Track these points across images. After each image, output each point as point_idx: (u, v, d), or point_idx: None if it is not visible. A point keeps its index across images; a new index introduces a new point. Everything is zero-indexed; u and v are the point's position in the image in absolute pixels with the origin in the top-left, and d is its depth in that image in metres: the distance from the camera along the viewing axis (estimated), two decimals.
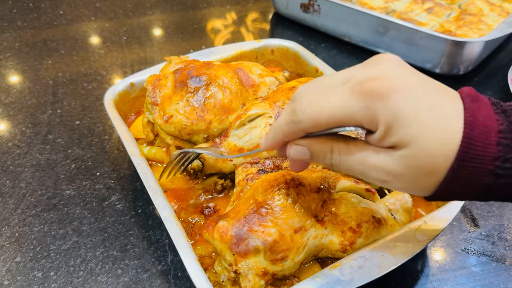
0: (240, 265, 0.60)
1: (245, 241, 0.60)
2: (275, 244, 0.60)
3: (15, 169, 0.96)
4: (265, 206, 0.62)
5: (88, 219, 0.85)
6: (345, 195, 0.67)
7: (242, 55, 1.11)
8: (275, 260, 0.61)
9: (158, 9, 1.66)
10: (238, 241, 0.61)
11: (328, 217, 0.65)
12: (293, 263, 0.62)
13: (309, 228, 0.63)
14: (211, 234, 0.63)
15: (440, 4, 1.37)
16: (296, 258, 0.62)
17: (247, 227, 0.61)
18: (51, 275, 0.75)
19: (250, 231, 0.61)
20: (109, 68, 1.31)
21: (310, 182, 0.65)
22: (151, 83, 0.88)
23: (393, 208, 0.72)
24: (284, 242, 0.61)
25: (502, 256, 0.78)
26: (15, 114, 1.13)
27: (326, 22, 1.41)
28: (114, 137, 1.04)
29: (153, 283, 0.74)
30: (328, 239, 0.65)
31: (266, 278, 0.61)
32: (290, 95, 0.79)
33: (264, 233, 0.60)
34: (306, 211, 0.63)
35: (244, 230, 0.61)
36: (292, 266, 0.62)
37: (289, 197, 0.63)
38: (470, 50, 1.15)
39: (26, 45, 1.42)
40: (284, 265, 0.62)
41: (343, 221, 0.65)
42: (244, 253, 0.60)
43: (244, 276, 0.61)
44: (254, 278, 0.60)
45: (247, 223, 0.62)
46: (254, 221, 0.61)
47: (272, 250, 0.60)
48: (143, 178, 0.76)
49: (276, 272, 0.62)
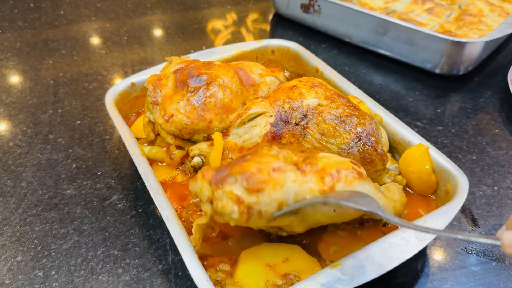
0: (216, 193, 0.61)
1: (224, 173, 0.62)
2: (252, 175, 0.61)
3: (16, 168, 0.96)
4: (248, 154, 0.65)
5: (89, 218, 0.85)
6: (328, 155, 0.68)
7: (242, 55, 1.11)
8: (251, 190, 0.60)
9: (158, 9, 1.66)
10: (217, 175, 0.62)
11: (308, 167, 0.64)
12: (270, 200, 0.61)
13: (288, 171, 0.63)
14: (195, 178, 0.64)
15: (440, 5, 1.38)
16: (273, 194, 0.61)
17: (229, 166, 0.63)
18: (52, 274, 0.75)
19: (230, 168, 0.62)
20: (109, 68, 1.31)
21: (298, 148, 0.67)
22: (152, 83, 0.88)
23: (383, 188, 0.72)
24: (261, 175, 0.61)
25: (502, 255, 0.78)
26: (16, 114, 1.13)
27: (326, 22, 1.41)
28: (115, 137, 1.05)
29: (154, 282, 0.74)
30: (308, 186, 0.63)
31: (241, 208, 0.60)
32: (291, 94, 0.79)
33: (242, 167, 0.62)
34: (287, 159, 0.64)
35: (225, 168, 0.63)
36: (269, 202, 0.61)
37: (273, 148, 0.65)
38: (470, 51, 1.15)
39: (27, 45, 1.42)
40: (260, 198, 0.61)
41: (323, 170, 0.64)
42: (221, 182, 0.61)
43: (219, 200, 0.61)
44: (228, 202, 0.60)
45: (228, 166, 0.63)
46: (235, 162, 0.63)
47: (248, 180, 0.60)
48: (144, 177, 0.76)
49: (252, 204, 0.61)
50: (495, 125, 1.09)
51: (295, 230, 0.68)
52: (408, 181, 0.82)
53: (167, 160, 0.87)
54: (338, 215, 0.65)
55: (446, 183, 0.77)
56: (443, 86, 1.22)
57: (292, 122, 0.77)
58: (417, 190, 0.82)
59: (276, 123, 0.77)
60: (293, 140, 0.76)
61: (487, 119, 1.11)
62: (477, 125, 1.09)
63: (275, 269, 0.68)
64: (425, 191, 0.81)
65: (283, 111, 0.78)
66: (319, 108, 0.77)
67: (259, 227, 0.66)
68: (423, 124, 1.09)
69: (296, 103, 0.78)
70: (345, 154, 0.74)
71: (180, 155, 0.87)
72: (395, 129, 0.87)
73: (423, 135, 1.03)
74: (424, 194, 0.81)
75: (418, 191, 0.82)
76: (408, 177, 0.81)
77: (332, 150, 0.74)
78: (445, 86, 1.22)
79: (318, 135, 0.75)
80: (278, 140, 0.77)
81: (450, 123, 1.09)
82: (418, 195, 0.82)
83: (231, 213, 0.60)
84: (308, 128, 0.76)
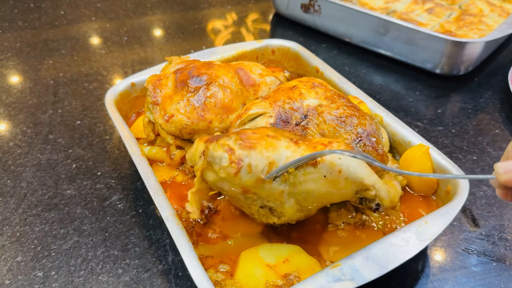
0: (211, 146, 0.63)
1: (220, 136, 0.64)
2: (246, 135, 0.63)
3: (16, 168, 0.96)
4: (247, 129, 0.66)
5: (89, 218, 0.85)
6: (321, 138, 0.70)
7: (242, 55, 1.11)
8: (244, 146, 0.62)
9: (158, 9, 1.66)
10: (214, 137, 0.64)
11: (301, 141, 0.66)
12: (261, 156, 0.62)
13: (282, 139, 0.65)
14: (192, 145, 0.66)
15: (440, 5, 1.38)
16: (265, 152, 0.63)
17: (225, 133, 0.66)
18: (52, 274, 0.75)
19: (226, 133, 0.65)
20: (110, 68, 1.31)
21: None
22: (152, 83, 0.88)
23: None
24: (255, 137, 0.63)
25: (503, 256, 0.78)
26: (16, 114, 1.13)
27: (326, 22, 1.41)
28: (115, 137, 1.04)
29: (154, 283, 0.74)
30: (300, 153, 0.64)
31: (231, 157, 0.61)
32: (291, 94, 0.79)
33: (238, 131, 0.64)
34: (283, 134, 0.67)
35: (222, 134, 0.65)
36: (259, 158, 0.62)
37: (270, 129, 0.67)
38: (470, 51, 1.15)
39: (27, 45, 1.42)
40: (251, 153, 0.62)
41: (316, 142, 0.65)
42: (216, 139, 0.63)
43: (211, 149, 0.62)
44: (219, 148, 0.62)
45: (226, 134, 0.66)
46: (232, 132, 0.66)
47: (242, 137, 0.63)
48: (144, 177, 0.76)
49: (242, 156, 0.62)
50: (496, 125, 1.08)
51: (286, 209, 0.67)
52: (408, 181, 0.82)
53: (167, 160, 0.87)
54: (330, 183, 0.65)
55: (447, 183, 0.77)
56: (443, 86, 1.22)
57: (292, 123, 0.77)
58: (417, 190, 0.82)
59: (276, 123, 0.77)
60: None
61: (487, 119, 1.10)
62: (477, 125, 1.09)
63: (275, 269, 0.68)
64: (425, 191, 0.81)
65: (283, 112, 0.78)
66: (319, 108, 0.77)
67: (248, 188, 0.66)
68: (423, 124, 1.09)
69: (296, 103, 0.78)
70: None
71: (180, 155, 0.87)
72: (396, 129, 0.87)
73: (424, 135, 1.03)
74: (424, 194, 0.81)
75: (419, 191, 0.82)
76: (408, 177, 0.81)
77: None
78: (445, 86, 1.22)
79: (319, 136, 0.75)
80: None
81: (451, 123, 1.09)
82: (419, 195, 0.82)
83: (221, 158, 0.61)
84: (308, 129, 0.76)
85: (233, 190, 0.65)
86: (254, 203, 0.69)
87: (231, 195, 0.68)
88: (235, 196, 0.68)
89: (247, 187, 0.64)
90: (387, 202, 0.69)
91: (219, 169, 0.62)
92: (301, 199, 0.67)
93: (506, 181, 0.51)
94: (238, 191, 0.65)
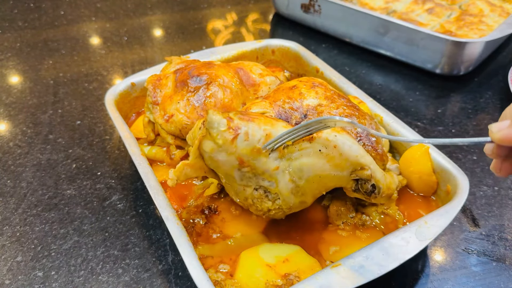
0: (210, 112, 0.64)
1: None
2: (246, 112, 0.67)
3: (16, 169, 0.96)
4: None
5: (89, 218, 0.85)
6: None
7: (242, 55, 1.11)
8: (242, 117, 0.65)
9: (158, 9, 1.66)
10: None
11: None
12: (259, 127, 0.65)
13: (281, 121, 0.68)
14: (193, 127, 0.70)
15: (440, 5, 1.38)
16: (262, 125, 0.65)
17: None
18: (52, 274, 0.75)
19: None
20: (109, 68, 1.31)
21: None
22: (152, 83, 0.88)
23: None
24: (254, 113, 0.69)
25: (503, 256, 0.78)
26: (16, 114, 1.13)
27: (326, 22, 1.41)
28: (115, 137, 1.04)
29: (154, 283, 0.74)
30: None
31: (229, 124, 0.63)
32: (291, 94, 0.79)
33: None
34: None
35: None
36: (256, 128, 0.65)
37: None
38: (470, 51, 1.15)
39: (27, 45, 1.42)
40: (249, 124, 0.65)
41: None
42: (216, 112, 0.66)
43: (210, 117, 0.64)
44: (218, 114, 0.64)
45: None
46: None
47: (242, 112, 0.66)
48: (144, 177, 0.76)
49: (240, 125, 0.64)
50: None
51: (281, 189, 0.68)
52: (408, 181, 0.82)
53: (167, 160, 0.87)
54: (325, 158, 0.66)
55: (447, 183, 0.77)
56: (443, 86, 1.22)
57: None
58: (417, 190, 0.82)
59: None
60: None
61: (487, 119, 1.10)
62: (477, 125, 1.09)
63: (275, 269, 0.68)
64: (425, 191, 0.81)
65: (283, 111, 0.78)
66: (319, 108, 0.77)
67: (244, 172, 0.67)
68: (423, 124, 1.09)
69: (296, 103, 0.78)
70: None
71: (180, 155, 0.87)
72: (396, 129, 0.86)
73: (424, 135, 1.03)
74: (424, 194, 0.81)
75: (419, 191, 0.81)
76: (408, 177, 0.81)
77: None
78: (445, 86, 1.22)
79: None
80: None
81: (451, 123, 1.09)
82: (419, 195, 0.81)
83: (219, 122, 0.63)
84: None
85: (229, 163, 0.66)
86: (249, 184, 0.69)
87: (227, 174, 0.69)
88: (230, 174, 0.68)
89: (243, 157, 0.66)
90: (383, 185, 0.69)
91: (216, 135, 0.64)
92: (296, 177, 0.68)
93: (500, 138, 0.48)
94: (234, 165, 0.66)
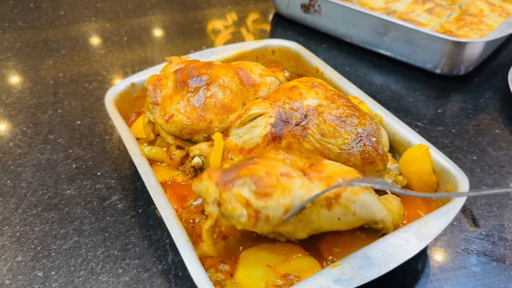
0: (225, 195, 0.61)
1: (232, 175, 0.62)
2: (260, 179, 0.61)
3: (16, 169, 0.96)
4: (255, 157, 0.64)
5: (89, 218, 0.85)
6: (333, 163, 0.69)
7: (242, 55, 1.11)
8: (260, 194, 0.60)
9: (158, 9, 1.66)
10: (225, 177, 0.62)
11: (315, 173, 0.65)
12: (277, 205, 0.62)
13: (296, 177, 0.63)
14: (200, 178, 0.64)
15: (440, 5, 1.37)
16: (281, 199, 0.62)
17: (236, 168, 0.62)
18: (52, 274, 0.75)
19: (237, 169, 0.62)
20: (109, 68, 1.31)
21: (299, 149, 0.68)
22: (152, 83, 0.88)
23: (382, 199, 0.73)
24: (270, 180, 0.61)
25: (503, 256, 0.78)
26: (16, 114, 1.13)
27: (326, 22, 1.41)
28: (115, 137, 1.04)
29: (154, 283, 0.74)
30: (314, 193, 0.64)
31: (249, 212, 0.61)
32: (291, 94, 0.79)
33: (250, 169, 0.62)
34: (294, 164, 0.64)
35: (232, 170, 0.63)
36: (276, 208, 0.62)
37: (279, 153, 0.65)
38: (470, 51, 1.15)
39: (27, 45, 1.42)
40: (268, 203, 0.61)
41: (329, 177, 0.65)
42: (229, 185, 0.61)
43: (228, 203, 0.61)
44: (237, 204, 0.61)
45: (236, 167, 0.63)
46: (243, 164, 0.63)
47: (257, 184, 0.61)
48: (144, 177, 0.76)
49: (260, 209, 0.61)
50: (496, 125, 1.08)
51: (297, 236, 0.68)
52: (408, 182, 0.82)
53: (167, 160, 0.87)
54: (341, 223, 0.66)
55: (447, 183, 0.77)
56: (443, 86, 1.22)
57: (292, 123, 0.77)
58: (417, 190, 0.82)
59: (276, 123, 0.77)
60: (294, 141, 0.76)
61: (487, 119, 1.10)
62: (477, 125, 1.09)
63: (275, 269, 0.68)
64: (425, 191, 0.81)
65: (283, 112, 0.78)
66: (319, 108, 0.77)
67: (263, 232, 0.67)
68: (423, 124, 1.09)
69: (296, 103, 0.78)
70: (345, 155, 0.74)
71: (180, 155, 0.87)
72: (396, 129, 0.86)
73: (424, 135, 1.03)
74: None
75: (419, 191, 0.81)
76: (408, 177, 0.81)
77: (332, 151, 0.74)
78: (445, 86, 1.22)
79: (319, 136, 0.75)
80: (278, 141, 0.77)
81: (451, 123, 1.09)
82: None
83: (239, 216, 0.61)
84: (308, 129, 0.76)
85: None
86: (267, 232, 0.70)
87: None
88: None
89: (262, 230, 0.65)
90: (391, 227, 0.70)
91: (236, 222, 0.63)
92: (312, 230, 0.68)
93: None
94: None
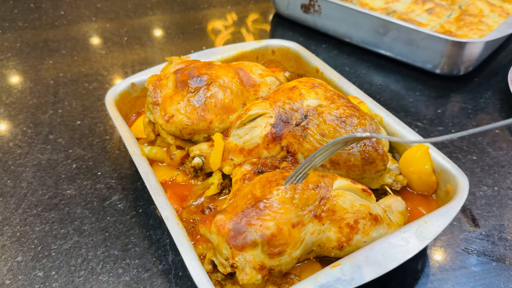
0: (237, 258, 0.61)
1: (243, 234, 0.61)
2: (273, 238, 0.60)
3: (16, 169, 0.96)
4: (263, 201, 0.62)
5: (89, 218, 0.85)
6: (342, 193, 0.67)
7: (243, 55, 1.11)
8: (273, 254, 0.61)
9: (159, 9, 1.66)
10: (236, 234, 0.61)
11: (326, 213, 0.65)
12: (290, 259, 0.62)
13: (307, 223, 0.63)
14: (208, 228, 0.63)
15: (440, 5, 1.38)
16: (293, 253, 0.62)
17: (245, 221, 0.61)
18: (52, 274, 0.75)
19: (248, 224, 0.61)
20: (110, 68, 1.31)
21: (307, 180, 0.66)
22: (152, 83, 0.88)
23: (388, 210, 0.73)
24: (282, 236, 0.61)
25: (502, 256, 0.78)
26: (16, 114, 1.13)
27: (326, 22, 1.41)
28: (115, 137, 1.04)
29: (154, 283, 0.74)
30: (325, 236, 0.65)
31: (263, 273, 0.61)
32: (291, 95, 0.79)
33: (262, 227, 0.60)
34: (304, 206, 0.63)
35: (242, 224, 0.61)
36: (289, 261, 0.63)
37: (287, 192, 0.63)
38: (470, 51, 1.15)
39: (27, 46, 1.42)
40: (281, 260, 0.62)
41: (341, 218, 0.65)
42: (242, 247, 0.60)
43: (241, 270, 0.61)
44: (252, 271, 0.61)
45: (245, 216, 0.62)
46: (252, 215, 0.62)
47: (270, 243, 0.60)
48: (144, 177, 0.76)
49: (273, 267, 0.62)
50: None
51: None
52: (408, 181, 0.82)
53: (168, 160, 0.87)
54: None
55: (447, 183, 0.77)
56: (443, 87, 1.22)
57: (292, 123, 0.77)
58: (417, 190, 0.82)
59: (276, 124, 0.77)
60: (294, 141, 0.76)
61: (487, 119, 1.10)
62: (477, 125, 1.09)
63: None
64: (425, 191, 0.81)
65: (284, 112, 0.78)
66: (319, 108, 0.77)
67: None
68: (423, 125, 1.09)
69: (296, 104, 0.78)
70: (346, 155, 0.74)
71: (181, 155, 0.87)
72: (396, 129, 0.87)
73: (424, 135, 1.03)
74: (424, 194, 0.81)
75: (419, 191, 0.82)
76: (408, 177, 0.81)
77: None
78: (445, 86, 1.22)
79: (319, 136, 0.75)
80: (278, 141, 0.77)
81: (451, 123, 1.09)
82: (419, 194, 0.82)
83: (255, 281, 0.61)
84: (308, 129, 0.76)
85: None
86: None
87: None
88: None
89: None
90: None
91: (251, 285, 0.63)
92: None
93: None
94: None
